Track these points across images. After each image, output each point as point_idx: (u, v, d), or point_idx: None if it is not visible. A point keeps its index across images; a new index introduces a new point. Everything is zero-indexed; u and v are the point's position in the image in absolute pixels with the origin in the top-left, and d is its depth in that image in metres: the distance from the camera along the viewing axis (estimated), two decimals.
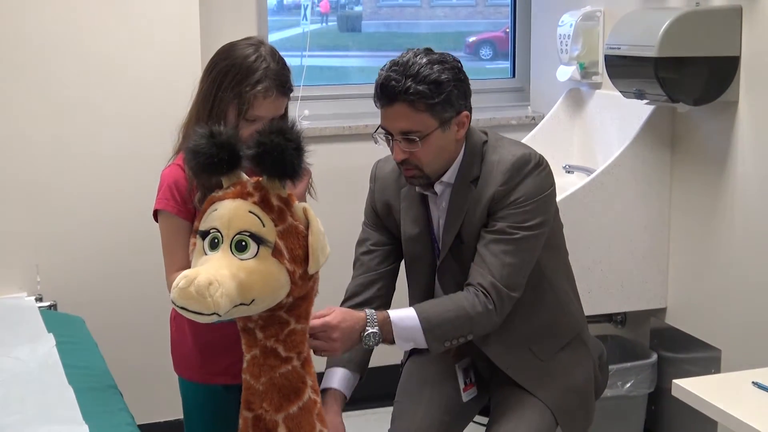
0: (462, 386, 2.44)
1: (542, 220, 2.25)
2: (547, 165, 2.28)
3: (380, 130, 2.24)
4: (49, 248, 3.31)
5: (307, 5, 4.05)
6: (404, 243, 2.41)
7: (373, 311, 2.18)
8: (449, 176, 2.29)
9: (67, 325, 2.97)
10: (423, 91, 2.14)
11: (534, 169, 2.24)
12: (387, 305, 2.39)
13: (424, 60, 2.17)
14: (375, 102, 2.22)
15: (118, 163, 3.35)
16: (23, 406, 2.28)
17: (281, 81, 2.23)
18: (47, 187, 3.30)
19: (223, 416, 2.29)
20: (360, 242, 2.47)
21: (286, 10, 4.38)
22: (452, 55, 2.24)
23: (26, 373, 2.50)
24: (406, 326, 2.17)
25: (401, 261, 2.46)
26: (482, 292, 2.19)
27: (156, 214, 2.27)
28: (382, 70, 2.21)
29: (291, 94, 2.29)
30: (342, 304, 2.38)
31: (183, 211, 2.21)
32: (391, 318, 2.17)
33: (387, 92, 2.17)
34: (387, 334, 2.17)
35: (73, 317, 3.10)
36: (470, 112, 2.26)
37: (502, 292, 2.19)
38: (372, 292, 2.39)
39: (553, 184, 2.30)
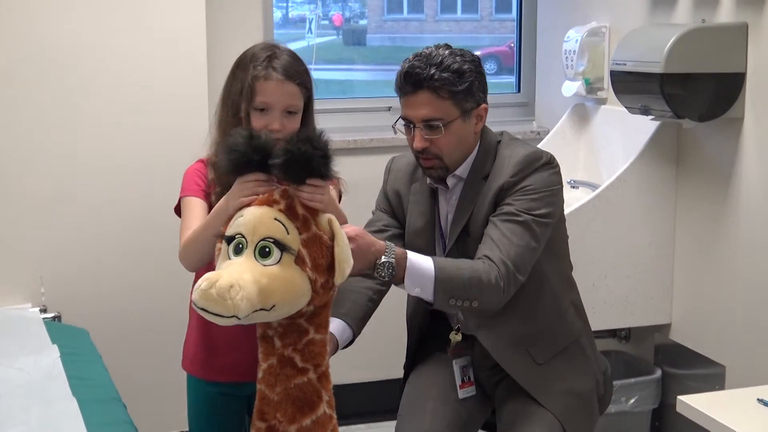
0: (458, 383, 2.44)
1: (549, 212, 2.27)
2: (558, 165, 2.32)
3: (400, 120, 2.29)
4: (54, 260, 3.32)
5: (312, 18, 4.06)
6: (407, 236, 2.43)
7: (392, 244, 2.17)
8: (462, 171, 2.33)
9: (71, 337, 2.97)
10: (447, 78, 2.21)
11: (544, 165, 2.29)
12: (387, 285, 2.36)
13: (446, 51, 2.26)
14: (397, 91, 2.28)
15: (123, 175, 3.36)
16: (27, 418, 2.28)
17: (286, 67, 2.19)
18: (52, 198, 3.30)
19: (227, 416, 2.30)
20: (370, 223, 2.48)
21: (291, 24, 4.40)
22: (470, 51, 2.30)
23: (30, 385, 2.50)
24: (420, 268, 2.15)
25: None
26: (494, 265, 2.19)
27: (179, 207, 2.27)
28: (404, 62, 2.27)
29: (305, 90, 2.23)
30: None
31: (204, 196, 2.22)
32: (408, 255, 2.16)
33: (411, 80, 2.23)
34: (400, 270, 2.14)
35: (78, 329, 3.10)
36: (487, 107, 2.31)
37: (510, 270, 2.19)
38: None
39: (561, 183, 2.33)
